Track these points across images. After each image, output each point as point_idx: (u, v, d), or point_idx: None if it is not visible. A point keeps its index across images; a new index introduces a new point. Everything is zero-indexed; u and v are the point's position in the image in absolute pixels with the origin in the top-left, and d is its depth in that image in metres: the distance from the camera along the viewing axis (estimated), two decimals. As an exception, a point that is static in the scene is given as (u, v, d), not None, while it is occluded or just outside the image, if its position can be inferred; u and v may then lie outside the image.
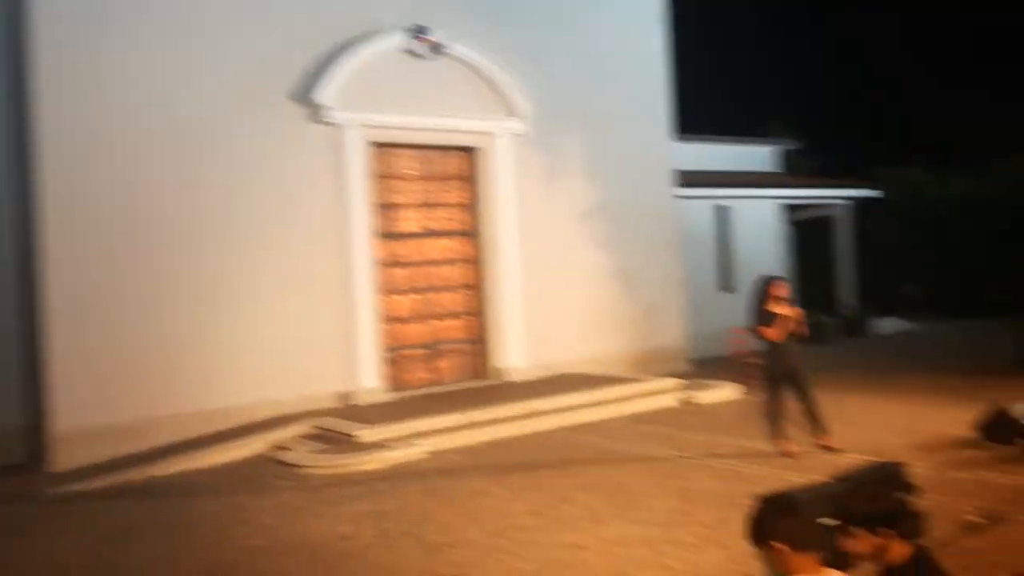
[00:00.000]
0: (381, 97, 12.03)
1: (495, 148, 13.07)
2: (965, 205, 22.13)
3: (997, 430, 7.56)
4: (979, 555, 4.98)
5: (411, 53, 12.27)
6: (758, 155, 21.61)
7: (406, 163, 12.87)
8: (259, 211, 11.11)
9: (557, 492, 7.09)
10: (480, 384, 12.62)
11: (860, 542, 2.96)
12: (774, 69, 34.91)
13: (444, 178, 13.20)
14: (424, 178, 13.01)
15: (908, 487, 5.53)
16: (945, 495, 6.06)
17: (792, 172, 23.31)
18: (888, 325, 19.08)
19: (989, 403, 7.96)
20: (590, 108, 14.02)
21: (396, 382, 12.16)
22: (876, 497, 2.99)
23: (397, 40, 12.19)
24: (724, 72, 30.89)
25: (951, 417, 8.84)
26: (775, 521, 2.99)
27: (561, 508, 6.63)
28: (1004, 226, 21.36)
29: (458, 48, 12.58)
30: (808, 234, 22.29)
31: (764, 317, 7.69)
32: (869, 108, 31.93)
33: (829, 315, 17.92)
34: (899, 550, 2.95)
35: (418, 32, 12.23)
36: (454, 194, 13.27)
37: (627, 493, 6.90)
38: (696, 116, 16.46)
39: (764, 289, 7.80)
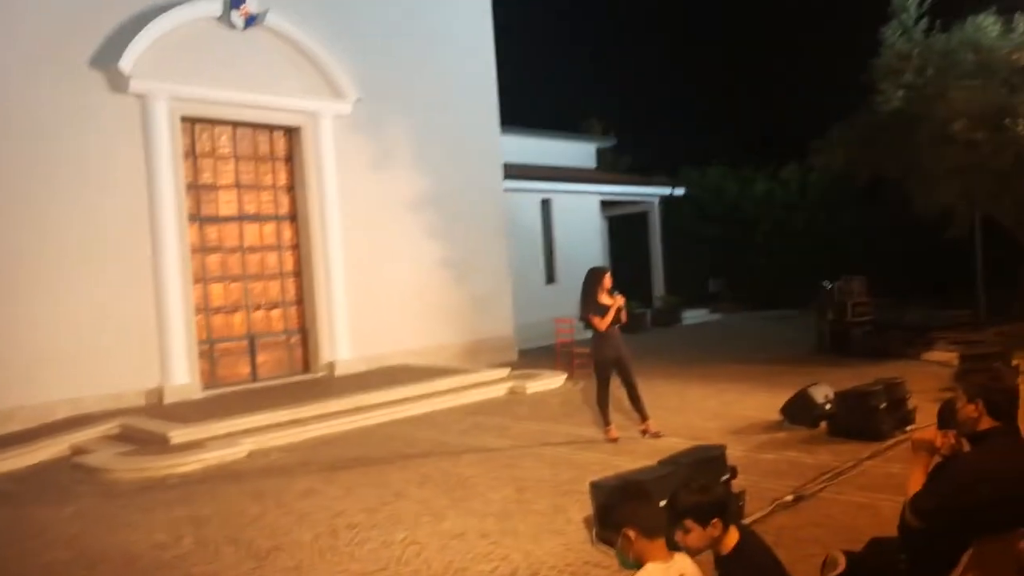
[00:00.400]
0: (194, 68, 11.22)
1: (319, 129, 12.58)
2: (764, 204, 23.98)
3: (800, 413, 8.17)
4: (792, 532, 5.31)
5: (228, 23, 11.53)
6: (577, 151, 22.30)
7: (223, 141, 12.09)
8: (59, 189, 10.06)
9: (391, 487, 6.89)
10: (305, 378, 12.14)
11: (693, 536, 3.02)
12: (588, 67, 36.25)
13: (264, 159, 12.55)
14: (242, 158, 12.29)
15: (728, 469, 5.86)
16: (757, 475, 6.46)
17: (606, 169, 24.26)
18: (697, 316, 20.32)
19: (794, 389, 8.63)
20: (420, 94, 13.82)
21: (212, 377, 11.43)
22: (706, 489, 3.06)
23: (212, 8, 11.41)
24: (538, 67, 31.57)
25: (759, 402, 9.51)
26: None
27: (396, 504, 6.44)
28: (797, 225, 23.40)
29: (279, 22, 11.98)
30: (623, 229, 23.33)
31: (596, 307, 7.86)
32: (675, 109, 33.83)
33: (644, 306, 18.82)
34: (730, 538, 3.06)
35: (235, 1, 11.49)
36: (275, 176, 12.64)
37: (462, 485, 6.82)
38: (514, 109, 16.63)
39: (596, 280, 7.97)
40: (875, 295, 13.85)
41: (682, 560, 2.97)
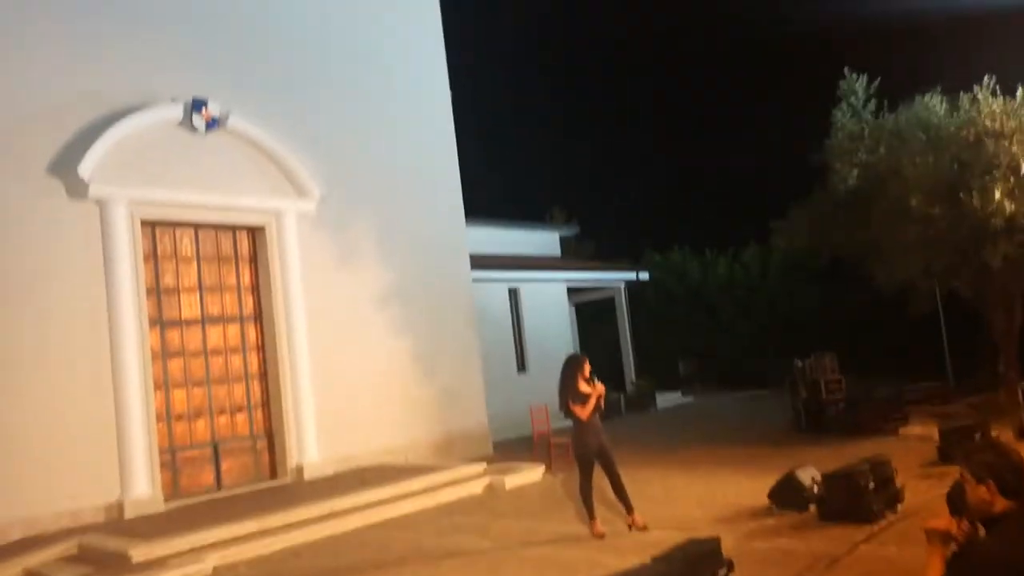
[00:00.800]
0: (154, 172, 11.13)
1: (282, 228, 12.47)
2: (727, 286, 24.28)
3: (788, 497, 7.97)
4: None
5: (189, 127, 11.52)
6: (541, 239, 22.50)
7: (184, 243, 11.90)
8: (12, 292, 9.74)
9: (368, 600, 6.49)
10: (272, 484, 11.64)
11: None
12: (549, 158, 37.05)
13: (227, 259, 12.35)
14: (205, 259, 12.09)
15: (725, 563, 5.61)
16: (752, 567, 6.20)
17: (571, 256, 24.49)
18: (670, 399, 20.18)
19: (778, 471, 8.44)
20: (384, 189, 13.85)
21: (175, 488, 10.92)
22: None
23: (173, 113, 11.40)
24: (500, 159, 32.24)
25: (743, 486, 9.28)
26: None
27: (374, 619, 6.05)
28: (760, 305, 23.66)
29: (241, 124, 12.01)
30: (591, 315, 23.38)
31: (576, 395, 7.68)
32: (636, 195, 34.60)
33: (616, 391, 18.66)
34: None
35: (197, 105, 11.52)
36: (239, 276, 12.43)
37: (445, 594, 6.45)
38: (478, 200, 16.78)
39: (575, 367, 7.81)
40: (842, 372, 13.86)
41: None
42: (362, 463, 12.36)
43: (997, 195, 11.16)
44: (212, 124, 11.72)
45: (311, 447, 12.11)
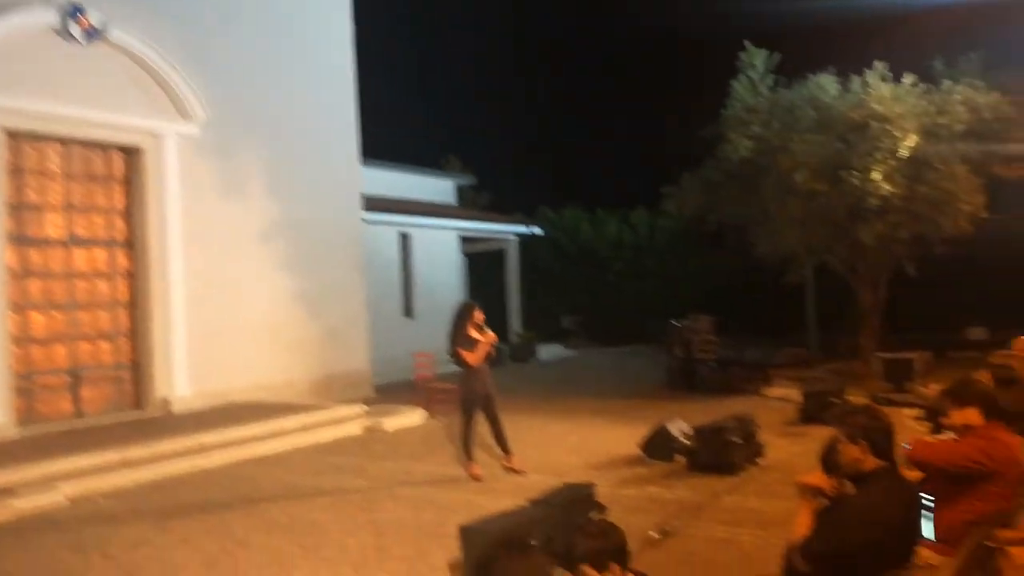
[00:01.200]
0: (22, 79, 10.21)
1: (161, 150, 11.74)
2: (616, 246, 24.74)
3: (659, 448, 8.24)
4: (662, 570, 5.21)
5: (66, 35, 10.61)
6: (436, 186, 22.18)
7: (52, 159, 11.03)
8: None
9: (235, 536, 6.29)
10: (137, 416, 11.12)
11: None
12: (447, 105, 36.50)
13: (99, 179, 11.54)
14: (74, 178, 11.26)
15: (598, 507, 5.72)
16: (622, 512, 6.34)
17: (465, 206, 24.33)
18: (552, 351, 20.50)
19: (650, 424, 8.71)
20: (276, 120, 13.24)
21: (30, 414, 10.26)
22: (605, 534, 2.91)
23: (47, 17, 10.46)
24: (398, 102, 31.49)
25: (616, 436, 9.54)
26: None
27: (240, 554, 5.87)
28: (647, 266, 24.27)
29: (124, 37, 11.15)
30: (481, 265, 23.36)
31: (466, 342, 7.62)
32: (533, 151, 34.63)
33: (500, 341, 18.79)
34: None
35: (73, 11, 10.62)
36: (111, 199, 11.66)
37: (316, 532, 6.33)
38: (374, 142, 16.33)
39: (466, 314, 7.74)
40: (718, 333, 14.42)
41: None
42: (235, 399, 11.96)
43: (877, 176, 11.73)
44: (92, 34, 10.83)
45: (180, 380, 11.62)
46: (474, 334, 7.71)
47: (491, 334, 7.81)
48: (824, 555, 3.10)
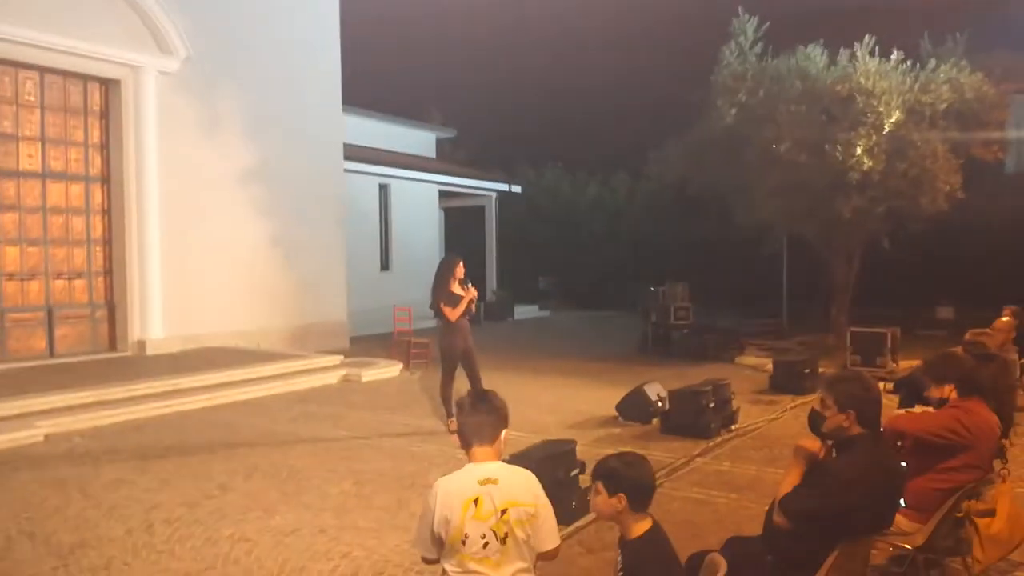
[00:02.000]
0: (-4, 2, 9.88)
1: (140, 84, 11.50)
2: (595, 208, 24.75)
3: (635, 409, 8.37)
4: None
5: (43, -44, 10.26)
6: (417, 139, 21.97)
7: (27, 88, 10.75)
8: None
9: (214, 479, 6.31)
10: (111, 356, 11.06)
11: (599, 500, 2.94)
12: (429, 57, 35.91)
13: (76, 112, 11.30)
14: (50, 109, 11.00)
15: (578, 464, 5.83)
16: (598, 470, 6.50)
17: (444, 160, 24.11)
18: (527, 311, 20.60)
19: (624, 386, 8.83)
20: (259, 60, 12.98)
21: (3, 351, 10.15)
22: (630, 464, 2.96)
23: (26, -62, 10.10)
24: (379, 50, 30.95)
25: (592, 397, 9.67)
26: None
27: (221, 497, 5.90)
28: (624, 231, 24.33)
29: (103, -39, 10.81)
30: (458, 221, 23.28)
31: (448, 297, 7.63)
32: (515, 108, 34.28)
33: (479, 299, 18.84)
34: (640, 524, 2.95)
35: (53, -66, 10.25)
36: (88, 132, 11.42)
37: (296, 478, 6.37)
38: (354, 89, 16.04)
39: (449, 268, 7.73)
40: (692, 301, 14.58)
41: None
42: (210, 344, 11.93)
43: (858, 150, 11.82)
44: (68, -44, 10.47)
45: (155, 322, 11.54)
46: (456, 289, 7.72)
47: (472, 290, 7.82)
48: (800, 513, 3.20)
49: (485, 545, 2.84)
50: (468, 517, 2.84)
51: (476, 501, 2.85)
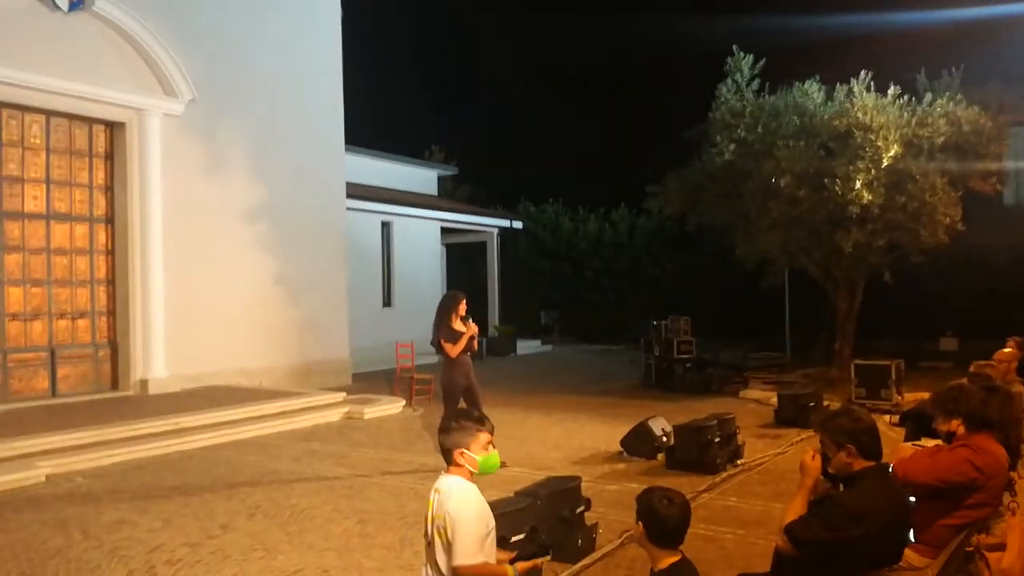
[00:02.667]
0: (4, 47, 10.04)
1: (145, 127, 11.64)
2: (596, 243, 24.83)
3: (639, 444, 8.32)
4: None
5: (50, 3, 10.47)
6: (418, 176, 22.11)
7: (34, 131, 10.88)
8: None
9: (217, 519, 6.27)
10: (113, 396, 11.04)
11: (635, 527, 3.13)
12: (430, 94, 36.33)
13: (81, 154, 11.42)
14: (56, 151, 11.12)
15: (584, 501, 5.79)
16: (603, 507, 6.44)
17: (446, 197, 24.28)
18: (530, 347, 20.57)
19: (628, 421, 8.79)
20: (262, 102, 13.14)
21: (5, 391, 10.15)
22: (660, 499, 3.06)
23: (32, -16, 10.29)
24: (381, 90, 31.30)
25: (596, 432, 9.63)
26: None
27: (223, 537, 5.85)
28: (625, 265, 24.38)
29: (109, 7, 11.01)
30: (460, 257, 23.37)
31: (449, 333, 7.63)
32: (516, 144, 34.60)
33: (480, 335, 18.82)
34: (667, 557, 3.08)
35: (60, -19, 10.45)
36: (93, 174, 11.52)
37: (299, 517, 6.32)
38: (356, 129, 16.23)
39: (451, 305, 7.75)
40: (694, 335, 14.58)
41: None
42: (213, 383, 11.90)
43: (858, 184, 11.90)
44: (76, 4, 10.69)
45: (158, 361, 11.53)
46: (458, 325, 7.72)
47: (473, 325, 7.83)
48: (805, 542, 3.18)
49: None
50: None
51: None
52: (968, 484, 3.88)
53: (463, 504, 3.16)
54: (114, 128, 11.63)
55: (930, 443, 4.62)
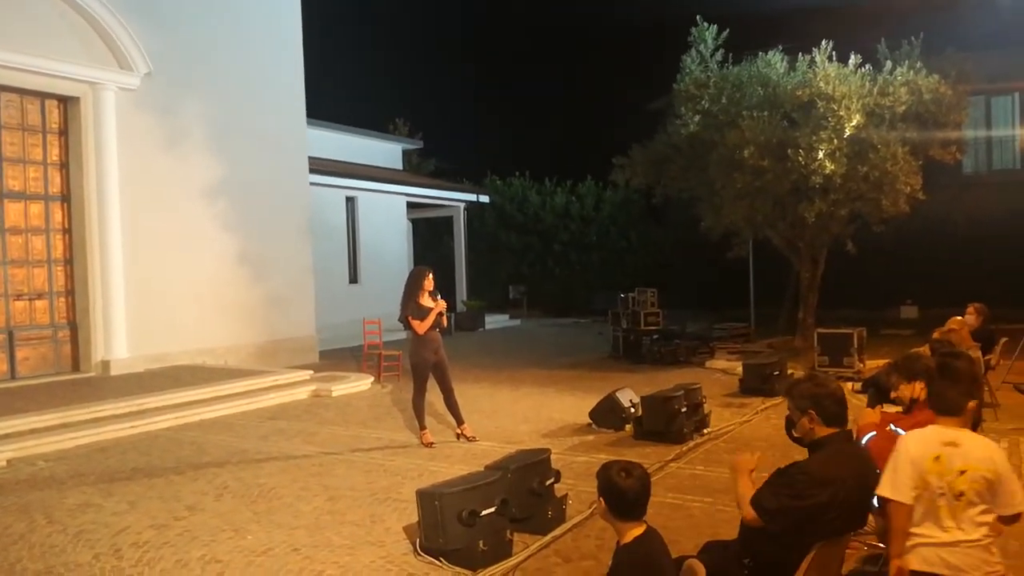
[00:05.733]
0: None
1: (99, 101, 11.34)
2: (563, 217, 24.83)
3: (607, 416, 8.38)
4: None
5: (-3, -27, 10.08)
6: (383, 150, 21.87)
7: (-18, 107, 10.53)
8: None
9: (183, 500, 6.20)
10: (74, 377, 10.83)
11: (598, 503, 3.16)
12: (395, 68, 35.86)
13: (34, 130, 11.09)
14: (7, 127, 10.81)
15: (553, 473, 5.82)
16: (572, 478, 6.49)
17: (412, 171, 24.07)
18: (498, 321, 20.57)
19: (596, 393, 8.83)
20: (221, 76, 12.86)
21: (-40, 375, 9.88)
22: (618, 472, 3.09)
23: (-22, -47, 9.91)
24: (344, 63, 30.86)
25: (565, 405, 9.68)
26: None
27: (189, 518, 5.79)
28: (591, 238, 24.44)
29: (60, -22, 10.64)
30: (427, 232, 23.24)
31: (416, 309, 7.58)
32: (481, 118, 34.38)
33: (448, 310, 18.78)
34: (632, 530, 3.08)
35: (7, -51, 10.07)
36: (47, 151, 11.21)
37: (267, 496, 6.27)
38: (319, 103, 15.97)
39: (417, 281, 7.68)
40: (662, 306, 14.68)
41: None
42: (176, 363, 11.75)
43: (820, 155, 11.99)
44: (24, -27, 10.30)
45: (119, 341, 11.33)
46: (425, 301, 7.67)
47: (441, 301, 7.78)
48: (771, 511, 3.21)
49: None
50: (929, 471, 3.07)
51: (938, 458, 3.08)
52: None
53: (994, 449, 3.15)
54: (68, 103, 11.31)
55: (892, 410, 4.69)
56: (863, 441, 4.00)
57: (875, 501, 3.27)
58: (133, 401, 9.09)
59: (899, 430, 4.06)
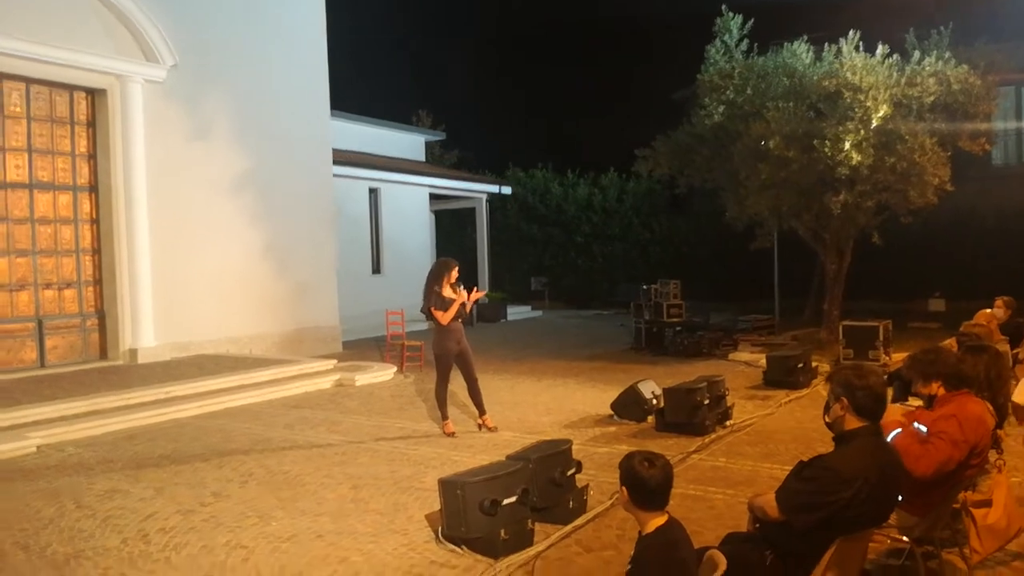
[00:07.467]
0: (-19, 14, 9.83)
1: (127, 93, 11.46)
2: (586, 208, 24.76)
3: (629, 407, 8.37)
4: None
5: (28, -33, 10.22)
6: (406, 142, 21.92)
7: (13, 99, 10.70)
8: None
9: (209, 487, 6.29)
10: (102, 365, 11.00)
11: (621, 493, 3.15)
12: (418, 60, 35.89)
13: (63, 122, 11.24)
14: (36, 119, 10.94)
15: (575, 463, 5.83)
16: (594, 469, 6.50)
17: (434, 162, 24.11)
18: (520, 312, 20.60)
19: (619, 385, 8.82)
20: (247, 68, 12.96)
21: (-8, 362, 10.07)
22: (641, 462, 3.09)
23: (9, -52, 10.04)
24: (368, 55, 30.92)
25: (586, 396, 9.68)
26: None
27: (216, 505, 5.87)
28: (614, 230, 24.36)
29: (89, -28, 10.77)
30: (449, 223, 23.28)
31: (439, 301, 7.60)
32: (504, 110, 34.32)
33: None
34: (655, 519, 3.08)
35: (37, -57, 10.20)
36: (75, 142, 11.36)
37: (292, 484, 6.35)
38: (343, 95, 16.02)
39: (441, 272, 7.71)
40: (684, 298, 14.61)
41: None
42: (202, 351, 11.89)
43: (847, 145, 11.85)
44: (54, -32, 10.44)
45: (147, 330, 11.48)
46: (448, 292, 7.69)
47: (463, 292, 7.80)
48: (795, 508, 3.18)
49: None
50: None
51: None
52: (962, 461, 3.88)
53: None
54: (95, 95, 11.45)
55: (915, 403, 4.64)
56: (889, 438, 3.95)
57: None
58: (161, 389, 9.22)
59: (921, 427, 4.03)
